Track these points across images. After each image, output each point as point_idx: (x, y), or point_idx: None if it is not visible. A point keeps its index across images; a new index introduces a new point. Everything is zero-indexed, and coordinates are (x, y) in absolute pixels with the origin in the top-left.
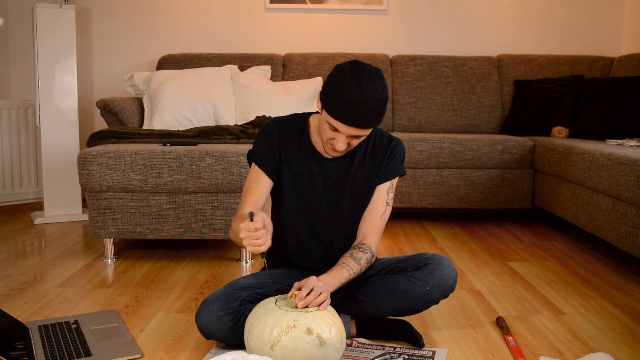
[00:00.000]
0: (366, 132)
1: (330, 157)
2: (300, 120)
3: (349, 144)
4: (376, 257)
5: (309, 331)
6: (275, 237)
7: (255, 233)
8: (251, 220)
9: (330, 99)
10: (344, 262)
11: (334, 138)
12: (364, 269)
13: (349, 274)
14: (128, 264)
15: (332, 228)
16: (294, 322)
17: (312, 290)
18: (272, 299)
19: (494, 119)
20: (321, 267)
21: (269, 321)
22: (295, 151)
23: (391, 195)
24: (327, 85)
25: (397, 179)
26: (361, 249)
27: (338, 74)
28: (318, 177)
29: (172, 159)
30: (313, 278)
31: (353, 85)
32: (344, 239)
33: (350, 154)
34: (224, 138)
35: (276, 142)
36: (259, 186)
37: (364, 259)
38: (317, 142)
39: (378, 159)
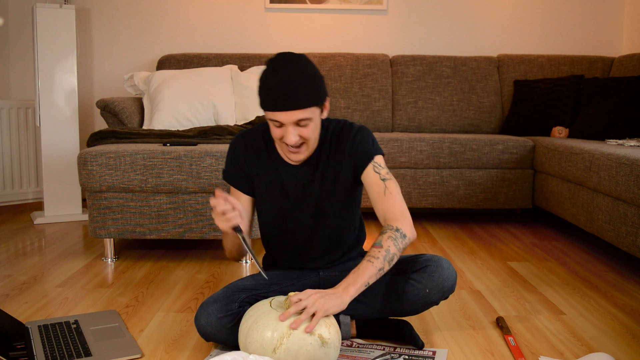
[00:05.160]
0: (308, 114)
1: (295, 163)
2: (264, 130)
3: (301, 136)
4: (409, 230)
5: (313, 333)
6: (264, 246)
7: (223, 211)
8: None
9: (259, 95)
10: (366, 256)
11: (283, 135)
12: (392, 248)
13: (372, 263)
14: (128, 264)
15: (313, 228)
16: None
17: (304, 308)
18: (266, 301)
19: (494, 119)
20: (315, 267)
21: (269, 324)
22: (264, 162)
23: (384, 171)
24: (257, 88)
25: (379, 158)
26: (381, 232)
27: (261, 73)
28: (290, 185)
29: (172, 159)
30: (309, 294)
31: (271, 72)
32: (327, 237)
33: (316, 155)
34: (224, 138)
35: (243, 158)
36: (241, 204)
37: (384, 239)
38: (281, 151)
39: (342, 147)
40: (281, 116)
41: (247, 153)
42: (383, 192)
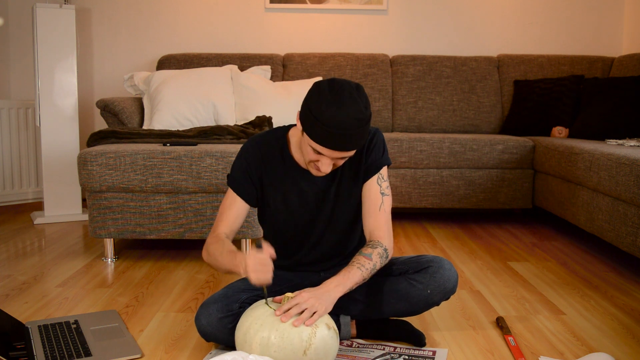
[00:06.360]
0: (351, 153)
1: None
2: (279, 137)
3: (334, 164)
4: (391, 251)
5: (328, 326)
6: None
7: (267, 266)
8: (259, 247)
9: (311, 123)
10: (355, 261)
11: (319, 160)
12: (377, 264)
13: (361, 271)
14: (128, 264)
15: (323, 233)
16: (314, 323)
17: (295, 306)
18: (262, 307)
19: (494, 119)
20: (317, 270)
21: (292, 330)
22: (280, 172)
23: (385, 184)
24: (306, 107)
25: (385, 169)
26: (370, 245)
27: (316, 95)
28: (309, 192)
29: (172, 159)
30: (305, 298)
31: (333, 108)
32: (334, 242)
33: None
34: (224, 138)
35: (255, 167)
36: (234, 209)
37: (375, 254)
38: (300, 159)
39: (356, 153)
40: (328, 152)
41: (263, 163)
42: (378, 208)
